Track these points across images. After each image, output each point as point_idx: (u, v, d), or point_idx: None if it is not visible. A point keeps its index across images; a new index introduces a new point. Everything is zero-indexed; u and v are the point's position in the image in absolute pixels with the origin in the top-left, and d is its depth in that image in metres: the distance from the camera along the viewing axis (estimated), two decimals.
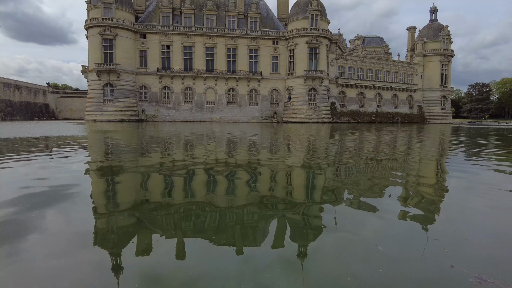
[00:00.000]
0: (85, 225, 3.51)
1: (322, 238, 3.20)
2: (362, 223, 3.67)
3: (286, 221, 3.72)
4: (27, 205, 4.06)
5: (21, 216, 3.64)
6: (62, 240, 3.06)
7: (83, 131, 22.95)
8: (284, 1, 60.97)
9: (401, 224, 3.68)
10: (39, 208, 3.94)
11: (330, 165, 8.13)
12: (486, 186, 5.54)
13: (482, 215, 3.99)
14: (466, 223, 3.73)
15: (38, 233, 3.20)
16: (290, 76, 56.58)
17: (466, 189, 5.48)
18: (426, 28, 70.62)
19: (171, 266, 2.59)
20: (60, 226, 3.50)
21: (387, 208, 4.20)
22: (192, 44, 54.69)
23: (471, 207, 4.39)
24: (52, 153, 10.04)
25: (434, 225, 3.63)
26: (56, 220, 3.66)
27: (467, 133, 26.80)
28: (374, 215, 3.94)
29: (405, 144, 15.52)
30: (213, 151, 11.22)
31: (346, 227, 3.51)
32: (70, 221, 3.68)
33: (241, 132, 23.37)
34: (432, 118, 69.12)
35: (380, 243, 3.01)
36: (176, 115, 54.60)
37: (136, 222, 3.63)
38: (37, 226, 3.39)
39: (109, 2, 49.23)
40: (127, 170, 7.04)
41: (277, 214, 3.97)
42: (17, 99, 65.22)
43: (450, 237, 3.24)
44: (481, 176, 6.65)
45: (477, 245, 3.05)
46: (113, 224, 3.58)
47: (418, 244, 2.99)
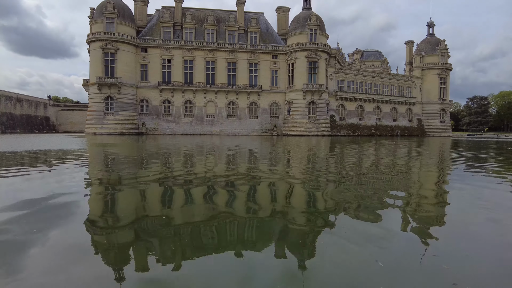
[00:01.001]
0: (83, 240, 3.48)
1: (321, 253, 3.17)
2: (362, 237, 3.64)
3: (284, 236, 3.70)
4: (24, 220, 4.04)
5: (18, 231, 3.61)
6: (59, 255, 3.03)
7: (83, 144, 22.96)
8: (283, 16, 62.03)
9: (401, 239, 3.65)
10: (36, 222, 3.92)
11: (330, 179, 8.12)
12: (488, 200, 5.52)
13: (483, 230, 3.96)
14: (466, 238, 3.70)
15: (35, 248, 3.17)
16: (290, 89, 57.05)
17: (467, 203, 5.45)
18: (424, 42, 71.63)
19: (170, 281, 2.56)
20: (58, 240, 3.47)
21: (387, 223, 4.17)
22: (193, 58, 55.36)
23: (471, 221, 4.36)
24: (51, 167, 10.03)
25: (434, 240, 3.61)
26: (53, 234, 3.64)
27: (468, 146, 26.84)
28: (374, 230, 3.91)
29: (406, 157, 15.52)
30: (212, 164, 11.22)
31: (345, 241, 3.48)
32: (68, 235, 3.65)
33: (241, 145, 23.39)
34: (432, 131, 69.31)
35: (380, 258, 2.98)
36: (176, 128, 54.78)
37: (135, 237, 3.60)
38: (34, 240, 3.36)
39: (111, 17, 50.10)
40: (126, 183, 7.02)
41: (277, 229, 3.94)
42: (18, 112, 65.55)
43: (451, 252, 3.21)
44: (482, 190, 6.63)
45: (479, 261, 3.02)
46: (112, 239, 3.55)
47: (419, 260, 2.96)
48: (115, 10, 50.49)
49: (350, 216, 4.51)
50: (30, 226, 3.80)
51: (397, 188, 6.94)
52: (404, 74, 72.57)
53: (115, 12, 50.19)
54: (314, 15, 55.72)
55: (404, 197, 5.86)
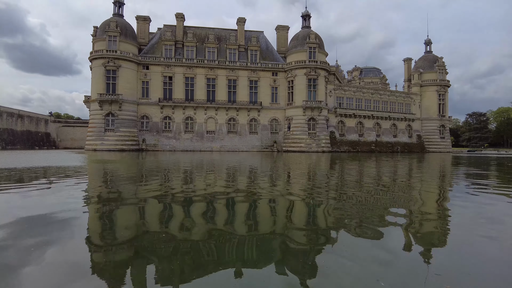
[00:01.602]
0: (81, 257, 3.44)
1: (322, 273, 3.12)
2: (363, 256, 3.60)
3: (285, 255, 3.65)
4: (22, 236, 4.00)
5: (15, 249, 3.57)
6: (56, 273, 2.99)
7: (82, 161, 22.94)
8: (283, 34, 63.23)
9: (403, 258, 3.60)
10: (33, 239, 3.88)
11: (330, 196, 8.08)
12: (490, 217, 5.48)
13: (486, 248, 3.91)
14: (469, 256, 3.66)
15: (32, 265, 3.13)
16: (290, 106, 57.50)
17: (469, 221, 5.41)
18: (422, 60, 72.69)
19: None
20: (55, 257, 3.43)
21: (389, 241, 4.13)
22: (194, 76, 56.08)
23: (473, 239, 4.32)
24: (50, 184, 9.99)
25: (436, 259, 3.56)
26: (51, 251, 3.59)
27: (468, 162, 26.80)
28: (375, 248, 3.87)
29: (406, 174, 15.48)
30: (212, 181, 11.18)
31: (346, 261, 3.44)
32: (66, 253, 3.61)
33: (241, 162, 23.36)
34: (432, 147, 69.37)
35: (382, 278, 2.94)
36: (177, 144, 54.88)
37: (133, 255, 3.56)
38: (31, 257, 3.32)
39: (113, 35, 51.07)
40: (125, 200, 6.99)
41: (277, 248, 3.90)
42: (19, 128, 65.82)
43: (453, 271, 3.16)
44: (484, 207, 6.58)
45: (481, 279, 2.98)
46: (110, 257, 3.50)
47: (421, 279, 2.91)
48: (118, 28, 51.53)
49: (351, 234, 4.47)
50: (27, 244, 3.76)
51: (398, 205, 6.89)
52: (403, 91, 73.27)
53: (117, 31, 51.19)
54: (313, 33, 56.79)
55: (405, 215, 5.82)
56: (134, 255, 3.57)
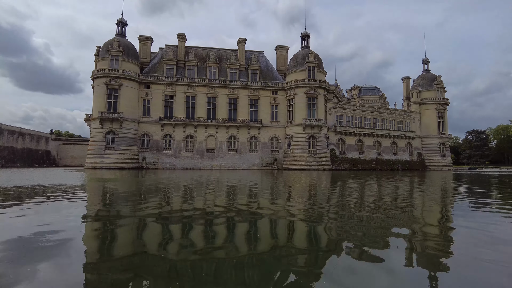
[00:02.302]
0: (77, 277, 3.34)
1: None
2: (366, 278, 3.50)
3: (284, 278, 3.55)
4: (19, 255, 3.91)
5: (11, 266, 3.47)
6: None
7: (81, 179, 22.82)
8: (282, 54, 64.35)
9: (406, 279, 3.50)
10: (30, 258, 3.78)
11: (331, 216, 7.96)
12: (493, 237, 5.37)
13: (490, 274, 3.80)
14: (473, 279, 3.55)
15: (26, 285, 3.04)
16: (290, 124, 57.77)
17: (473, 243, 5.30)
18: (420, 78, 73.58)
19: None
20: (52, 277, 3.34)
21: (391, 264, 4.03)
22: (195, 94, 56.67)
23: (477, 260, 4.21)
24: (48, 202, 9.89)
25: (440, 280, 3.46)
26: (47, 271, 3.49)
27: (470, 180, 26.60)
28: (377, 271, 3.77)
29: (408, 192, 15.34)
30: (212, 201, 11.07)
31: (348, 282, 3.33)
32: (62, 272, 3.51)
33: (241, 180, 23.23)
34: (433, 165, 69.17)
35: None
36: (177, 162, 54.78)
37: (131, 276, 3.46)
38: (27, 277, 3.23)
39: (116, 55, 51.96)
40: (123, 219, 6.88)
41: (276, 271, 3.80)
42: (19, 146, 65.90)
43: None
44: (488, 227, 6.47)
45: None
46: (108, 278, 3.40)
47: None
48: (120, 48, 52.49)
49: (352, 257, 4.36)
50: (22, 264, 3.66)
51: (400, 225, 6.78)
52: (402, 109, 73.77)
53: (120, 50, 52.13)
54: (312, 53, 57.77)
55: (408, 236, 5.71)
56: (132, 275, 3.47)
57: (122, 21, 57.22)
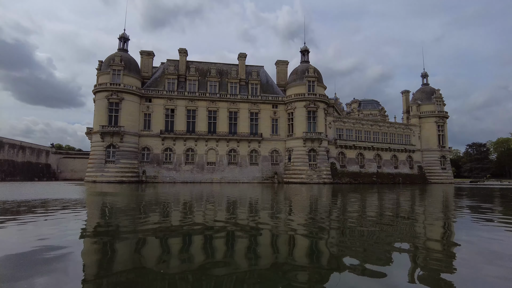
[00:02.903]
0: None
1: None
2: None
3: None
4: (15, 270, 3.85)
5: (8, 281, 3.43)
6: None
7: (81, 193, 22.71)
8: (282, 69, 65.04)
9: None
10: (27, 273, 3.73)
11: (333, 231, 7.89)
12: (496, 252, 5.30)
13: (495, 285, 3.75)
14: None
15: None
16: (290, 137, 57.86)
17: (477, 258, 5.23)
18: (419, 92, 74.08)
19: None
20: None
21: (394, 278, 3.97)
22: (196, 108, 56.98)
23: (482, 280, 4.14)
24: (46, 217, 9.82)
25: None
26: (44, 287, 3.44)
27: (472, 193, 26.42)
28: (380, 285, 3.71)
29: (409, 207, 15.23)
30: (212, 215, 10.99)
31: None
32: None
33: (242, 194, 23.10)
34: (434, 178, 68.88)
35: None
36: (177, 176, 54.58)
37: None
38: None
39: (117, 69, 52.52)
40: (122, 235, 6.82)
41: (278, 285, 3.74)
42: (20, 160, 65.87)
43: None
44: (492, 242, 6.39)
45: None
46: None
47: None
48: (122, 62, 53.09)
49: (354, 273, 4.30)
50: (19, 279, 3.61)
51: (402, 240, 6.71)
52: (402, 122, 73.96)
53: (121, 65, 52.72)
54: (312, 67, 58.39)
55: (410, 251, 5.64)
56: None
57: (124, 36, 58.10)
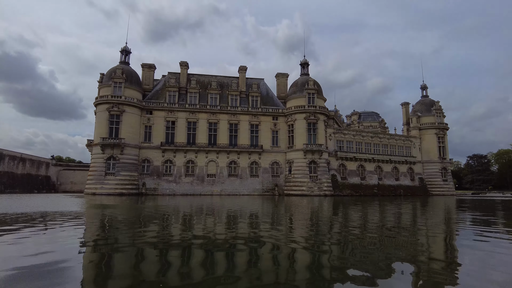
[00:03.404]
0: None
1: None
2: None
3: None
4: (13, 284, 3.79)
5: None
6: None
7: (80, 206, 22.58)
8: (282, 81, 65.60)
9: None
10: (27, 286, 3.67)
11: (334, 245, 7.80)
12: (502, 268, 5.22)
13: None
14: None
15: None
16: (290, 149, 57.84)
17: (481, 272, 5.15)
18: (419, 104, 74.43)
19: None
20: None
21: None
22: (196, 120, 57.19)
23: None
24: (45, 230, 9.74)
25: None
26: None
27: (474, 206, 26.21)
28: None
29: (411, 219, 15.09)
30: (211, 229, 10.89)
31: None
32: None
33: (242, 207, 22.95)
34: (435, 190, 68.54)
35: None
36: (177, 188, 54.33)
37: None
38: None
39: (119, 82, 52.95)
40: (122, 248, 6.74)
41: None
42: (19, 172, 65.76)
43: None
44: (495, 256, 6.31)
45: None
46: None
47: None
48: (123, 75, 53.55)
49: (357, 280, 4.23)
50: None
51: (405, 254, 6.62)
52: (403, 134, 74.02)
53: (123, 77, 53.17)
54: (312, 80, 58.85)
55: (413, 265, 5.56)
56: None
57: (126, 49, 58.80)
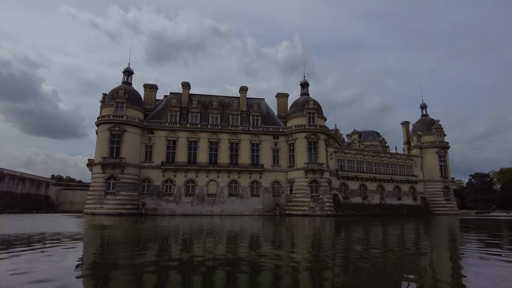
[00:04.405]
0: None
1: None
2: None
3: None
4: None
5: None
6: None
7: (79, 227, 22.30)
8: (283, 101, 66.31)
9: None
10: None
11: (338, 269, 7.61)
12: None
13: None
14: None
15: None
16: (291, 168, 57.64)
17: None
18: (419, 123, 74.75)
19: None
20: None
21: None
22: (197, 139, 57.35)
23: None
24: (43, 253, 9.56)
25: None
26: None
27: (479, 226, 25.77)
28: None
29: (415, 240, 14.83)
30: (212, 251, 10.70)
31: None
32: None
33: (243, 227, 22.63)
34: (438, 209, 67.75)
35: None
36: (177, 208, 53.77)
37: None
38: None
39: (121, 102, 53.48)
40: (120, 271, 6.58)
41: None
42: (19, 191, 65.39)
43: None
44: (499, 282, 6.13)
45: None
46: None
47: None
48: (126, 95, 54.14)
49: None
50: None
51: (410, 275, 6.45)
52: (404, 153, 73.90)
53: (125, 97, 53.73)
54: (312, 100, 59.40)
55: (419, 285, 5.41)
56: None
57: (129, 70, 59.74)
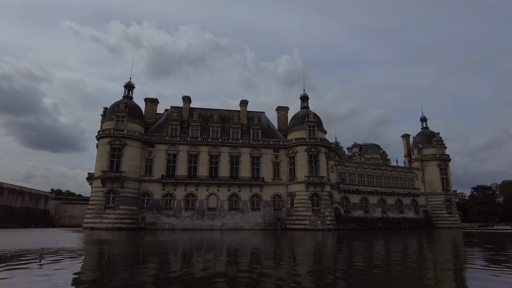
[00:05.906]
0: None
1: None
2: None
3: None
4: None
5: None
6: None
7: (77, 242, 22.00)
8: (283, 114, 66.59)
9: None
10: None
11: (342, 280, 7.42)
12: None
13: None
14: None
15: None
16: (292, 181, 57.30)
17: None
18: (420, 135, 74.78)
19: None
20: None
21: None
22: (198, 153, 57.26)
23: None
24: (40, 269, 9.36)
25: None
26: None
27: (483, 239, 25.38)
28: None
29: (418, 255, 14.56)
30: (212, 268, 10.48)
31: None
32: None
33: (244, 243, 22.31)
34: (441, 223, 67.01)
35: None
36: (176, 222, 53.19)
37: None
38: None
39: (122, 115, 53.67)
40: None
41: None
42: (18, 205, 64.87)
43: None
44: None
45: None
46: None
47: None
48: (126, 109, 54.39)
49: None
50: None
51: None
52: (405, 166, 73.65)
53: (126, 111, 53.96)
54: (312, 113, 59.60)
55: None
56: None
57: (130, 84, 60.23)
